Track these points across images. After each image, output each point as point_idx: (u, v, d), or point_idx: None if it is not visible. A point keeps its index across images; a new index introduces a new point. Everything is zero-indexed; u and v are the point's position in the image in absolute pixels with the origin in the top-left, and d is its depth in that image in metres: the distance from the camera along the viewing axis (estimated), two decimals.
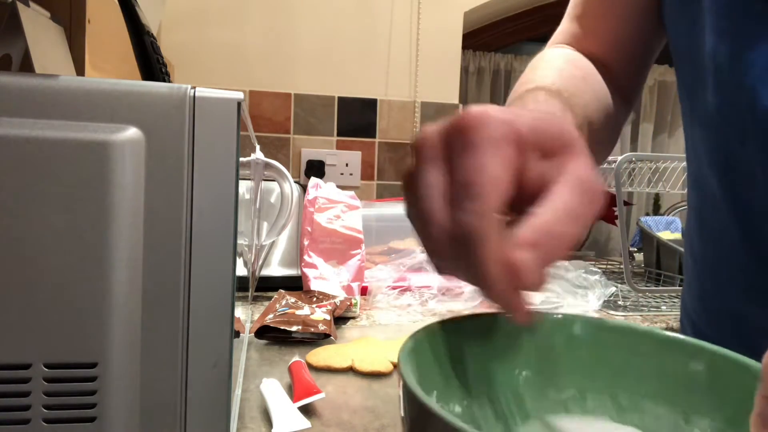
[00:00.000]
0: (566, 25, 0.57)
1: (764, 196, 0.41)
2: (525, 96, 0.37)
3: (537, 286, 0.26)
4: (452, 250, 0.26)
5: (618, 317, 0.97)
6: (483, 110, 0.27)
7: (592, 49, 0.54)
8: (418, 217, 0.27)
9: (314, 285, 0.94)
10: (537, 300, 0.95)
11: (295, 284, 0.98)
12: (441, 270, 0.29)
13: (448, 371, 0.30)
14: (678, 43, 0.49)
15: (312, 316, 0.75)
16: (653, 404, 0.30)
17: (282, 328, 0.70)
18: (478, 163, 0.26)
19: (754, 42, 0.38)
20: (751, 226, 0.43)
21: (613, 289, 1.09)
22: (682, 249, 1.27)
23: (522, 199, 0.27)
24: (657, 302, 1.12)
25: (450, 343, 0.30)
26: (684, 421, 0.29)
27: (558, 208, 0.26)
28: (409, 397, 0.23)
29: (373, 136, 1.65)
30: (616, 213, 1.86)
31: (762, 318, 0.44)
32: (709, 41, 0.41)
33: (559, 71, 0.46)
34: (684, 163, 1.35)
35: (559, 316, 0.32)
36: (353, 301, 0.88)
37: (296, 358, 0.59)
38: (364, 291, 0.98)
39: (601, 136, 0.47)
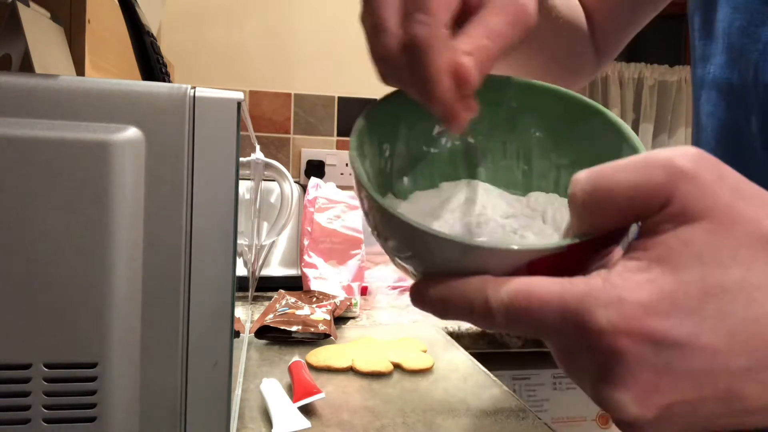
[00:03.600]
0: None
1: (763, 174, 0.41)
2: None
3: (470, 95, 0.28)
4: (401, 58, 0.29)
5: None
6: None
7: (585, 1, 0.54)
8: (372, 24, 0.30)
9: (314, 285, 0.94)
10: None
11: (295, 284, 0.98)
12: (386, 78, 0.32)
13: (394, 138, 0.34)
14: (695, 16, 0.48)
15: (312, 316, 0.75)
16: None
17: (282, 328, 0.70)
18: None
19: (763, 18, 0.38)
20: None
21: None
22: None
23: (464, 17, 0.29)
24: None
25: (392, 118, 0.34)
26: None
27: (486, 25, 0.29)
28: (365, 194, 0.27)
29: None
30: None
31: None
32: (725, 16, 0.41)
33: None
34: None
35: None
36: (353, 301, 0.88)
37: (296, 358, 0.59)
38: (364, 291, 0.99)
39: (560, 32, 0.49)
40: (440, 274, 0.25)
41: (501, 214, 0.33)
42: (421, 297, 0.26)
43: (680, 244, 0.21)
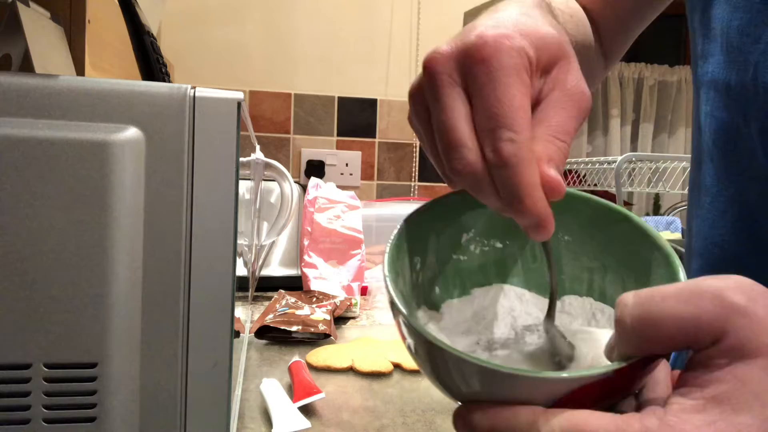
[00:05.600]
0: None
1: (763, 175, 0.40)
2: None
3: (562, 194, 0.29)
4: (483, 173, 0.28)
5: None
6: (495, 34, 0.28)
7: (586, 3, 0.55)
8: (446, 139, 0.29)
9: (314, 285, 0.94)
10: None
11: (295, 284, 0.98)
12: (458, 187, 0.32)
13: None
14: (694, 14, 0.48)
15: (312, 316, 0.75)
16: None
17: (282, 328, 0.70)
18: (504, 94, 0.27)
19: (764, 18, 0.38)
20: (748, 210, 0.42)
21: None
22: (682, 249, 1.27)
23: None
24: None
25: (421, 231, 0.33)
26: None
27: (551, 125, 0.29)
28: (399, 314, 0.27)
29: (373, 136, 1.65)
30: None
31: None
32: (722, 14, 0.41)
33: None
34: (684, 163, 1.36)
35: None
36: (353, 301, 0.88)
37: (296, 358, 0.59)
38: (364, 291, 0.98)
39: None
40: (484, 400, 0.25)
41: (535, 321, 0.33)
42: (466, 424, 0.25)
43: (737, 382, 0.21)
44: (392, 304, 0.28)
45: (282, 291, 0.87)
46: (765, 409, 0.20)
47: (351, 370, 0.63)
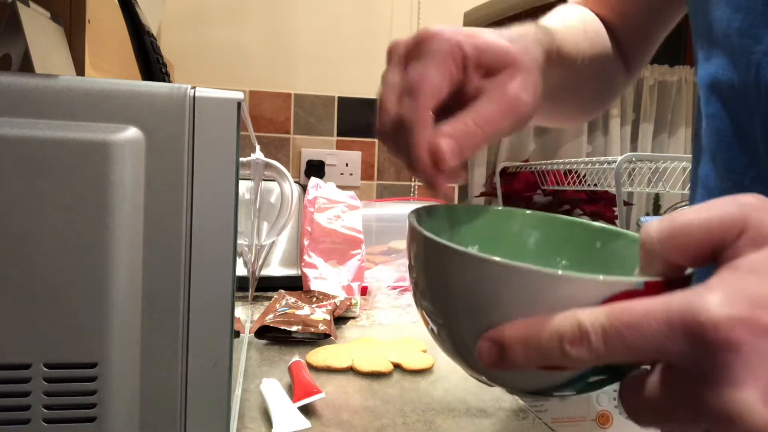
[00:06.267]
0: None
1: (766, 178, 0.41)
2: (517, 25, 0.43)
3: (452, 169, 0.32)
4: (395, 134, 0.33)
5: None
6: (438, 29, 0.34)
7: (602, 13, 0.56)
8: (378, 103, 0.35)
9: (314, 285, 0.94)
10: None
11: (295, 284, 0.97)
12: (388, 149, 0.36)
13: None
14: (695, 17, 0.48)
15: (312, 316, 0.75)
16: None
17: (282, 328, 0.70)
18: (422, 70, 0.33)
19: (765, 20, 0.38)
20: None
21: None
22: None
23: (461, 106, 0.33)
24: None
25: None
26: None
27: (476, 112, 0.33)
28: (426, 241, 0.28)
29: (373, 136, 1.65)
30: (616, 213, 1.86)
31: None
32: (723, 16, 0.41)
33: (563, 18, 0.51)
34: (684, 163, 1.36)
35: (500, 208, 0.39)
36: (353, 301, 0.88)
37: (296, 358, 0.59)
38: (364, 291, 0.98)
39: (588, 74, 0.51)
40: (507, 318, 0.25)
41: None
42: (495, 343, 0.25)
43: (766, 259, 0.22)
44: (413, 232, 0.30)
45: (282, 291, 0.87)
46: None
47: (351, 370, 0.63)
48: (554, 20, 0.50)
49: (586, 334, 0.22)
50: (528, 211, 0.38)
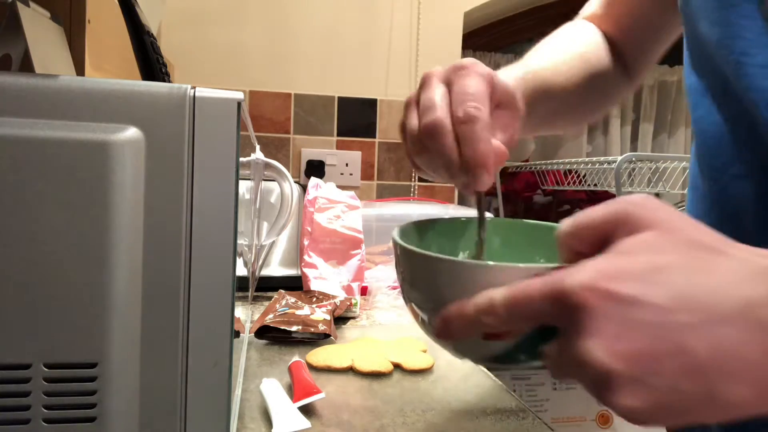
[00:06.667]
0: (592, 3, 0.64)
1: (747, 172, 0.43)
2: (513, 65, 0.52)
3: (503, 160, 0.40)
4: (448, 127, 0.38)
5: None
6: (474, 59, 0.41)
7: (606, 28, 0.61)
8: (423, 103, 0.40)
9: (314, 285, 0.94)
10: None
11: (295, 284, 0.97)
12: (417, 167, 0.43)
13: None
14: (686, 29, 0.51)
15: (312, 316, 0.75)
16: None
17: (282, 328, 0.70)
18: (474, 82, 0.39)
19: (736, 31, 0.42)
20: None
21: None
22: None
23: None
24: None
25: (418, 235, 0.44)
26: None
27: (507, 137, 0.41)
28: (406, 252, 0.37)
29: (373, 136, 1.65)
30: None
31: None
32: (705, 31, 0.45)
33: (553, 52, 0.57)
34: (684, 163, 1.36)
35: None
36: (353, 301, 0.88)
37: (296, 358, 0.59)
38: (364, 291, 0.98)
39: (583, 97, 0.57)
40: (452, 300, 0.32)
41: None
42: (444, 320, 0.32)
43: (634, 241, 0.28)
44: (393, 243, 0.38)
45: (282, 291, 0.87)
46: (653, 253, 0.27)
47: (351, 370, 0.63)
48: (549, 53, 0.56)
49: (492, 307, 0.30)
50: (509, 220, 0.47)
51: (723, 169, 0.45)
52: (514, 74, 0.48)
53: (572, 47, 0.58)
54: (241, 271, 0.88)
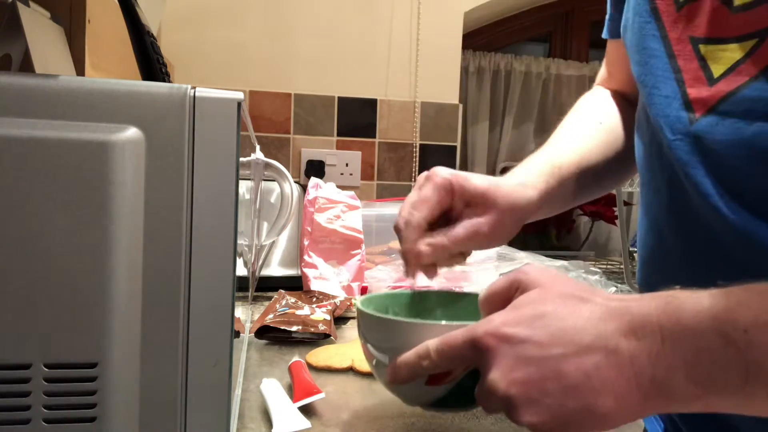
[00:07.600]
0: (602, 69, 0.70)
1: (660, 189, 0.50)
2: (523, 164, 0.57)
3: (429, 269, 0.52)
4: (404, 231, 0.50)
5: None
6: (439, 168, 0.50)
7: (614, 87, 0.66)
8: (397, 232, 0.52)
9: (314, 285, 0.94)
10: None
11: (295, 284, 0.97)
12: (399, 239, 0.52)
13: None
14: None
15: (312, 316, 0.75)
16: None
17: (282, 328, 0.70)
18: (425, 192, 0.50)
19: (648, 69, 0.48)
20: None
21: (613, 289, 1.09)
22: None
23: (448, 224, 0.50)
24: None
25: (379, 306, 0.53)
26: None
27: (450, 231, 0.50)
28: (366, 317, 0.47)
29: (373, 136, 1.65)
30: (616, 213, 1.86)
31: None
32: (634, 70, 0.51)
33: (571, 132, 0.62)
34: None
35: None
36: (353, 301, 0.88)
37: (296, 358, 0.59)
38: (364, 291, 0.98)
39: (600, 171, 0.62)
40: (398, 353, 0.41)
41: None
42: (390, 369, 0.41)
43: (524, 298, 0.37)
44: (357, 311, 0.48)
45: (282, 291, 0.87)
46: (535, 305, 0.36)
47: (351, 370, 0.63)
48: (570, 136, 0.61)
49: (427, 353, 0.39)
50: (441, 291, 0.58)
51: (648, 184, 0.52)
52: (538, 170, 0.54)
53: (590, 124, 0.63)
54: (241, 271, 0.88)
